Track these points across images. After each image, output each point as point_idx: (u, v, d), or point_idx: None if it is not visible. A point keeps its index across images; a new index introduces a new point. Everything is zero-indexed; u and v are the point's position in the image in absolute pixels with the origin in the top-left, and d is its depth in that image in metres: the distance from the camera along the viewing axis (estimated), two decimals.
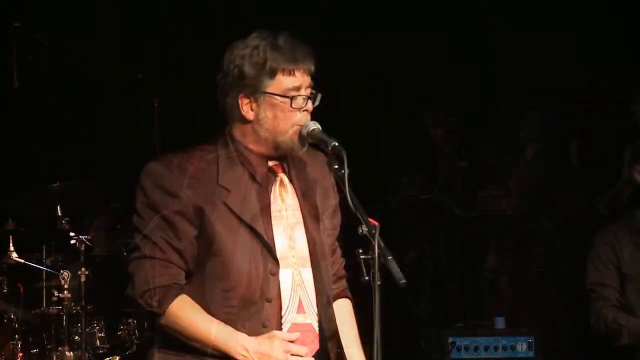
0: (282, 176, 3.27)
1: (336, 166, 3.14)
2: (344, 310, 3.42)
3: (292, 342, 3.17)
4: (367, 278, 2.98)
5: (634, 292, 5.28)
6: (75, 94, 6.47)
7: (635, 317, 5.21)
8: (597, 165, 6.68)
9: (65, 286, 5.79)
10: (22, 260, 5.85)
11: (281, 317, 3.18)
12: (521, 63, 7.03)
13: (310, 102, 3.21)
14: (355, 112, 6.89)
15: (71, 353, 5.79)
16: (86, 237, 5.81)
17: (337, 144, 3.14)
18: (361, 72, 7.05)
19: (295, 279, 3.21)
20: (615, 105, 6.68)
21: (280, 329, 3.18)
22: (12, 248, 5.85)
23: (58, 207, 5.81)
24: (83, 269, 5.81)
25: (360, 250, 3.00)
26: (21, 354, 5.78)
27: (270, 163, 3.26)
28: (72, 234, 5.83)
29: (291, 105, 3.18)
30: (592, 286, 5.36)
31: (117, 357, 5.97)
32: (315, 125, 3.21)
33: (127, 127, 6.53)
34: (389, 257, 2.97)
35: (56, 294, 5.85)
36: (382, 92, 7.08)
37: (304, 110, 3.20)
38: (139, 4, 6.67)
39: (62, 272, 5.80)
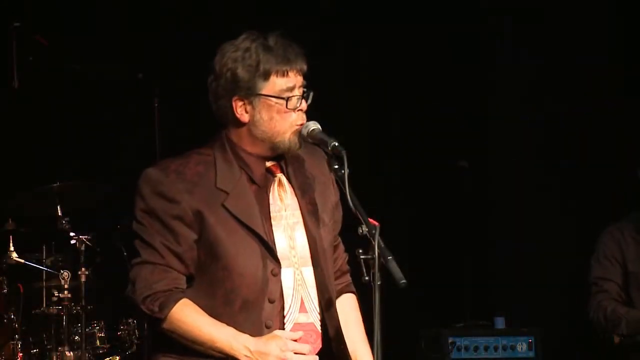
0: (280, 176, 3.28)
1: (336, 166, 3.15)
2: (348, 306, 3.42)
3: (295, 340, 3.18)
4: (367, 278, 2.98)
5: (636, 290, 5.29)
6: (75, 94, 6.47)
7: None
8: (596, 165, 6.69)
9: (65, 286, 5.78)
10: (22, 260, 5.84)
11: (284, 317, 3.20)
12: (522, 62, 7.02)
13: (304, 102, 3.22)
14: (355, 112, 6.89)
15: (71, 353, 5.78)
16: (86, 237, 5.80)
17: (337, 144, 3.15)
18: (361, 72, 7.04)
19: (297, 279, 3.22)
20: (615, 106, 6.69)
21: (283, 329, 3.19)
22: (12, 248, 5.85)
23: (58, 207, 5.80)
24: (83, 269, 5.81)
25: (360, 250, 3.01)
26: (21, 354, 5.78)
27: (268, 164, 3.27)
28: (72, 234, 5.83)
29: (287, 106, 3.19)
30: (594, 280, 5.38)
31: (117, 357, 5.97)
32: (315, 125, 3.22)
33: (127, 127, 6.53)
34: (389, 257, 2.98)
35: (56, 294, 5.85)
36: (382, 93, 7.08)
37: (298, 110, 3.21)
38: (139, 4, 6.66)
39: (62, 272, 5.80)
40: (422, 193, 7.06)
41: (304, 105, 3.22)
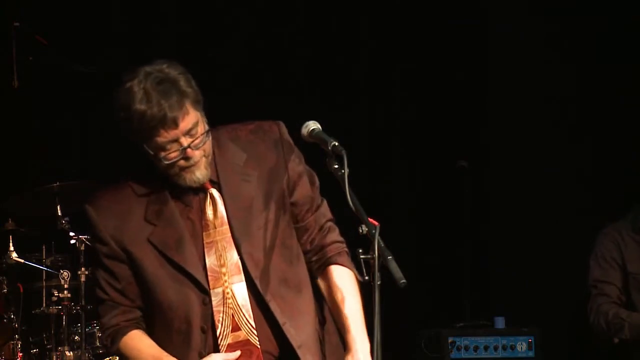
0: (212, 191, 3.25)
1: (336, 166, 3.13)
2: (331, 283, 3.36)
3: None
4: (367, 278, 2.98)
5: (636, 291, 5.29)
6: (75, 94, 6.46)
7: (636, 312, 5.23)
8: (596, 165, 6.69)
9: (65, 286, 5.78)
10: (22, 260, 5.85)
11: (217, 342, 3.21)
12: (521, 62, 7.02)
13: (189, 150, 3.16)
14: (355, 112, 6.89)
15: (71, 353, 5.78)
16: (86, 237, 5.80)
17: (337, 143, 3.13)
18: (361, 71, 7.04)
19: (227, 298, 3.21)
20: (615, 106, 6.68)
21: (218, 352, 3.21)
22: (12, 248, 5.85)
23: (58, 207, 5.80)
24: (83, 268, 5.81)
25: (361, 250, 3.00)
26: (21, 354, 5.78)
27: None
28: (72, 234, 5.83)
29: (166, 161, 3.17)
30: (594, 283, 5.37)
31: (117, 357, 5.97)
32: (315, 125, 3.21)
33: None
34: (389, 257, 2.97)
35: (56, 294, 5.85)
36: (382, 92, 7.08)
37: (185, 157, 3.17)
38: (139, 4, 6.66)
39: (62, 272, 5.80)
40: (422, 193, 7.05)
41: (189, 152, 3.16)
